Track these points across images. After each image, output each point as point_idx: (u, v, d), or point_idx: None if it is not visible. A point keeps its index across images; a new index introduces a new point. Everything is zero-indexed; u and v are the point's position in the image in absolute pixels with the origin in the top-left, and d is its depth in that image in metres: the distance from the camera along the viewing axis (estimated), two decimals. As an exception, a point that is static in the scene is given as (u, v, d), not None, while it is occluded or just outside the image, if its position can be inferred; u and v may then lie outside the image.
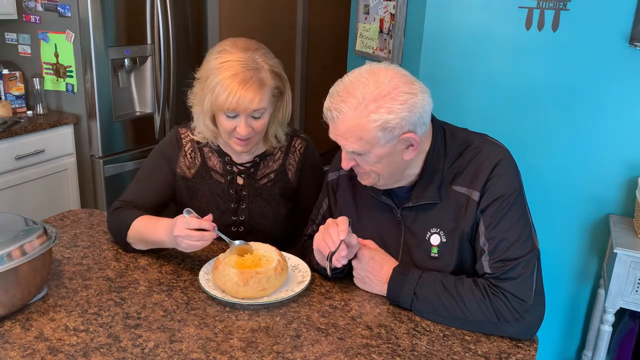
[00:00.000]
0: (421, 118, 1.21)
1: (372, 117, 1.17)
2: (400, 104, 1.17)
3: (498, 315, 1.20)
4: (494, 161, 1.26)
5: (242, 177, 1.59)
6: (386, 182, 1.30)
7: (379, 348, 1.14)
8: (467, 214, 1.26)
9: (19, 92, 2.98)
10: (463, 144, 1.31)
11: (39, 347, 1.10)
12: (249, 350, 1.11)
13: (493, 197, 1.24)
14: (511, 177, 1.26)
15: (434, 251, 1.31)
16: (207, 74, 1.43)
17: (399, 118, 1.17)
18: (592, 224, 2.21)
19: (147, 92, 3.25)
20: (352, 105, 1.18)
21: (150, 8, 3.11)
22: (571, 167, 2.17)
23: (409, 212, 1.33)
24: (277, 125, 1.55)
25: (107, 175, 3.06)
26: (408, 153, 1.24)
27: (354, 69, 1.25)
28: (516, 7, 2.13)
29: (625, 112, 2.06)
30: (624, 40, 2.00)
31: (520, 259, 1.22)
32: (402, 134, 1.20)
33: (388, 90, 1.17)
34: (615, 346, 2.14)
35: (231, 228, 1.60)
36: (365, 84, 1.18)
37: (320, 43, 5.51)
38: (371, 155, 1.22)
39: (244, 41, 1.46)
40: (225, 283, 1.26)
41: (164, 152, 1.61)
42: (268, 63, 1.44)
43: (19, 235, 1.19)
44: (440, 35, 2.28)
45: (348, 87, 1.21)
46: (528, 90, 2.20)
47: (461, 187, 1.28)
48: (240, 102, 1.38)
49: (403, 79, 1.20)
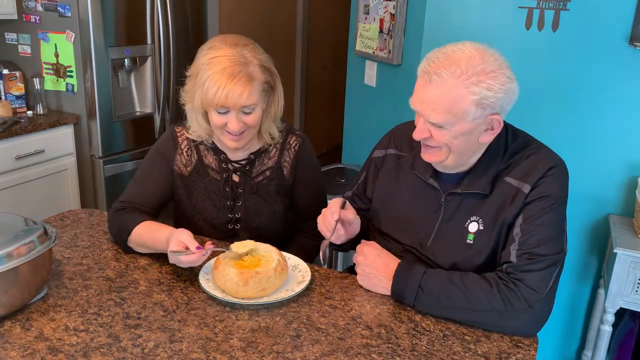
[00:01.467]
0: (509, 105, 1.25)
1: (473, 89, 1.18)
2: (500, 85, 1.20)
3: (505, 302, 1.21)
4: (551, 163, 1.29)
5: (237, 174, 1.60)
6: (452, 163, 1.31)
7: (379, 348, 1.14)
8: (513, 205, 1.28)
9: (19, 92, 2.98)
10: (523, 144, 1.34)
11: (39, 347, 1.10)
12: (249, 350, 1.11)
13: (541, 194, 1.26)
14: (562, 184, 1.30)
15: (469, 238, 1.32)
16: (197, 70, 1.44)
17: (495, 97, 1.20)
18: (592, 224, 2.21)
19: (147, 92, 3.25)
20: (455, 73, 1.19)
21: (150, 8, 3.11)
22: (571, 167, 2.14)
23: (455, 197, 1.34)
24: (270, 121, 1.56)
25: (107, 175, 3.06)
26: (486, 136, 1.27)
27: (454, 42, 1.26)
28: (516, 7, 2.13)
29: (625, 112, 2.06)
30: (624, 40, 2.00)
31: (547, 256, 1.23)
32: (491, 114, 1.22)
33: (493, 69, 1.20)
34: (615, 346, 2.14)
35: (227, 225, 1.61)
36: (471, 57, 1.20)
37: (320, 43, 5.52)
38: (452, 130, 1.23)
39: (233, 37, 1.47)
40: (225, 283, 1.27)
41: (161, 151, 1.61)
42: (257, 58, 1.45)
43: (19, 235, 1.19)
44: (440, 35, 2.28)
45: (451, 56, 1.21)
46: (528, 90, 2.19)
47: (513, 179, 1.30)
48: (229, 96, 1.39)
49: (506, 63, 1.24)
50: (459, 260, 1.32)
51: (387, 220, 1.46)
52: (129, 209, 1.54)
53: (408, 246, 1.40)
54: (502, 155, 1.32)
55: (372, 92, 2.85)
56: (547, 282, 1.23)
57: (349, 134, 3.21)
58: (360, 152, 1.59)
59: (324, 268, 1.46)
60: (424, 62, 1.24)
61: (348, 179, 2.82)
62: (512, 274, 1.23)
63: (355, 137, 3.11)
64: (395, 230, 1.43)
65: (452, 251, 1.33)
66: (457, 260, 1.32)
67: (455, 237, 1.33)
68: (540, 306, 1.22)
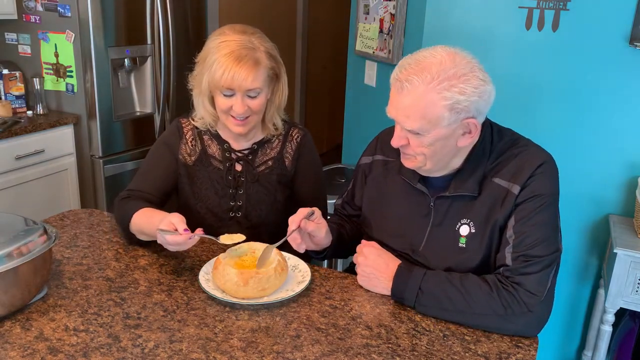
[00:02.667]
0: (485, 107, 1.23)
1: (445, 95, 1.17)
2: (473, 88, 1.18)
3: (505, 307, 1.20)
4: (539, 160, 1.27)
5: (240, 163, 1.63)
6: (431, 168, 1.30)
7: (379, 348, 1.14)
8: (504, 206, 1.27)
9: (19, 92, 2.98)
10: (509, 142, 1.33)
11: (39, 347, 1.10)
12: (249, 350, 1.11)
13: (531, 194, 1.25)
14: (552, 180, 1.28)
15: (462, 241, 1.31)
16: (205, 54, 1.50)
17: (469, 101, 1.19)
18: (592, 224, 2.21)
19: (147, 92, 3.25)
20: (426, 79, 1.18)
21: (150, 8, 3.11)
22: (571, 167, 2.17)
23: (444, 201, 1.33)
24: (275, 111, 1.60)
25: (107, 175, 3.06)
26: (464, 139, 1.26)
27: (426, 47, 1.25)
28: (516, 7, 2.13)
29: (625, 111, 2.06)
30: (624, 40, 2.00)
31: (543, 257, 1.22)
32: (466, 118, 1.21)
33: (464, 72, 1.18)
34: (615, 346, 2.14)
35: (229, 213, 1.63)
36: (442, 62, 1.19)
37: (320, 43, 5.52)
38: (428, 136, 1.22)
39: (241, 26, 1.53)
40: (225, 283, 1.26)
41: (167, 141, 1.65)
42: (264, 45, 1.50)
43: (19, 235, 1.19)
44: (440, 35, 2.28)
45: (422, 61, 1.21)
46: (528, 90, 2.20)
47: (501, 180, 1.29)
48: (235, 78, 1.44)
49: (478, 65, 1.22)
50: (453, 265, 1.31)
51: (378, 227, 1.45)
52: (132, 197, 1.56)
53: (400, 252, 1.40)
54: (488, 155, 1.31)
55: (372, 92, 2.85)
56: (545, 284, 1.22)
57: (349, 134, 3.21)
58: (360, 152, 1.59)
59: (324, 268, 1.46)
60: (396, 70, 1.23)
61: (348, 179, 2.82)
62: (510, 278, 1.23)
63: (355, 137, 3.11)
64: (387, 236, 1.42)
65: (445, 255, 1.32)
66: (450, 264, 1.32)
67: (447, 241, 1.33)
68: (539, 309, 1.21)
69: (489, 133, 1.32)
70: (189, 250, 1.51)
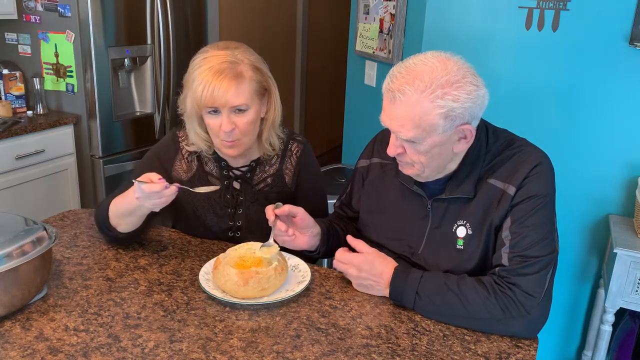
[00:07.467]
0: (480, 111, 1.23)
1: (439, 103, 1.16)
2: (466, 94, 1.17)
3: (504, 310, 1.20)
4: (535, 161, 1.27)
5: (238, 182, 1.58)
6: (430, 174, 1.30)
7: (379, 348, 1.14)
8: (500, 207, 1.26)
9: (19, 92, 2.98)
10: (505, 143, 1.32)
11: (39, 347, 1.10)
12: (249, 350, 1.11)
13: (527, 195, 1.25)
14: (548, 180, 1.28)
15: (459, 243, 1.31)
16: (188, 74, 1.45)
17: (463, 108, 1.18)
18: (592, 224, 2.21)
19: (147, 92, 3.25)
20: (419, 88, 1.16)
21: (150, 8, 3.11)
22: (571, 167, 2.17)
23: (441, 203, 1.33)
24: (270, 130, 1.53)
25: (107, 175, 3.06)
26: (460, 145, 1.25)
27: (416, 54, 1.24)
28: (516, 7, 2.13)
29: (625, 112, 2.07)
30: (624, 40, 2.00)
31: (539, 258, 1.22)
32: (461, 124, 1.20)
33: (457, 79, 1.17)
34: (615, 346, 2.14)
35: (228, 233, 1.60)
36: (433, 69, 1.17)
37: (320, 43, 5.52)
38: (424, 144, 1.21)
39: (224, 42, 1.48)
40: (225, 283, 1.27)
41: (160, 155, 1.60)
42: (248, 58, 1.44)
43: (19, 235, 1.19)
44: (440, 35, 2.28)
45: (413, 70, 1.19)
46: (528, 90, 2.20)
47: (497, 181, 1.28)
48: (215, 92, 1.37)
49: (470, 70, 1.21)
50: (451, 266, 1.31)
51: (377, 230, 1.45)
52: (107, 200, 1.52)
53: (399, 254, 1.39)
54: (483, 157, 1.30)
55: (372, 92, 2.85)
56: (542, 285, 1.22)
57: (349, 134, 3.21)
58: (360, 152, 1.59)
59: (324, 268, 1.46)
60: (387, 80, 1.22)
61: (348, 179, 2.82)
62: (507, 278, 1.23)
63: (355, 137, 3.11)
64: (386, 239, 1.42)
65: (443, 257, 1.32)
66: (449, 266, 1.31)
67: (445, 243, 1.33)
68: (537, 311, 1.21)
69: (484, 135, 1.32)
70: (189, 250, 1.51)
